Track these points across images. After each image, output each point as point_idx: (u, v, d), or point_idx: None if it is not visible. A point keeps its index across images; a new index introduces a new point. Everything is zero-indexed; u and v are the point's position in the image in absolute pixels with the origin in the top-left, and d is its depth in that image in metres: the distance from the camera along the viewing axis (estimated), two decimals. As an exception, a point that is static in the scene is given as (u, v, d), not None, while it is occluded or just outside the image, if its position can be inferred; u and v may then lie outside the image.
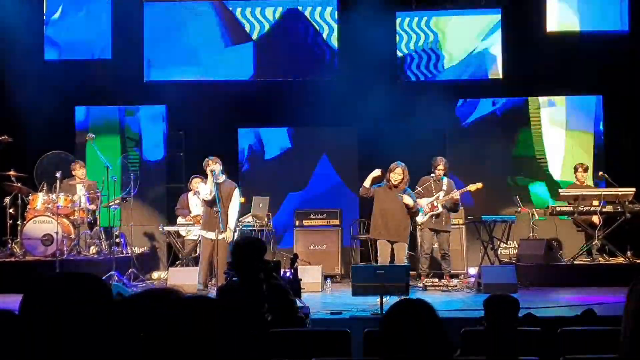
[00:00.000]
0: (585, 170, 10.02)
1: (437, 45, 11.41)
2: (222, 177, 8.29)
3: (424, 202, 9.04)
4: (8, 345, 1.72)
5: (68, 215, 9.42)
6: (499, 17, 11.29)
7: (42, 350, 1.58)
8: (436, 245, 9.32)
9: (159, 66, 11.54)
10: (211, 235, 8.16)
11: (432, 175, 9.15)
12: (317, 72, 11.45)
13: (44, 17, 11.52)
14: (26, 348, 1.60)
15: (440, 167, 9.14)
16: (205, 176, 8.47)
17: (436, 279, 9.15)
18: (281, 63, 11.55)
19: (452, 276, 9.37)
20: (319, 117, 11.10)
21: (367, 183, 8.53)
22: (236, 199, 8.34)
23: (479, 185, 9.22)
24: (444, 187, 9.14)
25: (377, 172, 8.51)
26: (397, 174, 8.39)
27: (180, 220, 10.12)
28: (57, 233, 8.95)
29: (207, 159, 8.29)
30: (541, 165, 11.28)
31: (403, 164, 8.46)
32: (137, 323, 1.55)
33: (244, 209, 9.40)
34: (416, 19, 11.39)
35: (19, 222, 9.43)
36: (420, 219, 9.11)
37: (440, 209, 9.08)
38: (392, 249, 8.43)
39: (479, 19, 11.36)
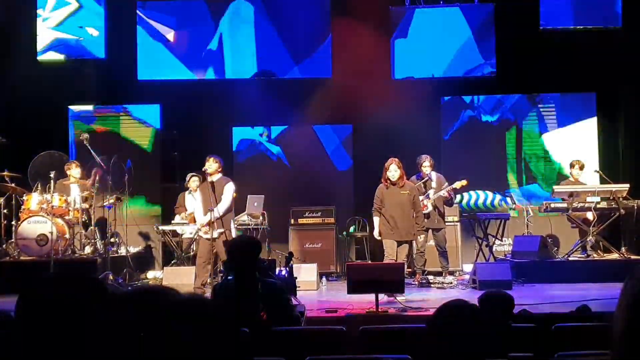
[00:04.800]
0: (582, 167, 9.98)
1: (432, 42, 11.40)
2: (218, 176, 8.31)
3: None
4: (3, 346, 1.72)
5: (62, 215, 9.39)
6: (492, 13, 11.30)
7: (37, 351, 1.58)
8: (431, 243, 9.33)
9: (153, 65, 11.50)
10: (208, 235, 8.17)
11: (418, 175, 9.17)
12: (312, 70, 11.43)
13: (37, 16, 11.46)
14: (21, 349, 1.60)
15: (426, 163, 9.13)
16: (201, 174, 8.53)
17: (431, 276, 9.17)
18: (278, 61, 11.53)
19: (448, 273, 9.39)
20: (314, 115, 11.11)
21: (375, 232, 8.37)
22: (227, 192, 8.33)
23: (464, 182, 9.24)
24: (434, 184, 9.13)
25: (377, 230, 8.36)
26: (393, 170, 8.20)
27: (177, 218, 10.13)
28: (51, 233, 8.92)
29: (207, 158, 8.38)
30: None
31: (396, 158, 8.30)
32: (133, 322, 1.55)
33: (240, 207, 9.40)
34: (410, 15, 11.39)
35: (13, 223, 9.41)
36: None
37: (430, 208, 9.05)
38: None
39: (473, 16, 11.36)
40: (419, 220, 8.31)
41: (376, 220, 8.30)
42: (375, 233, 8.32)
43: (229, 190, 8.33)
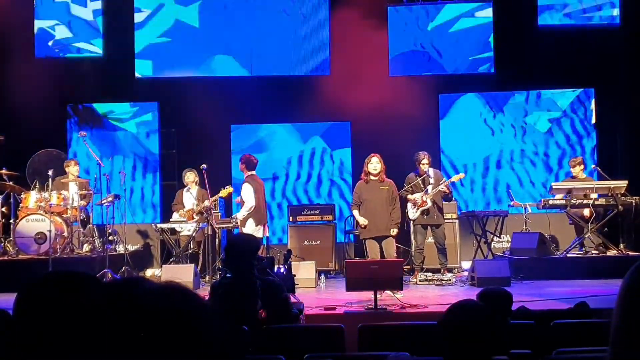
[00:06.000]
0: (580, 163, 9.99)
1: (429, 40, 11.40)
2: (244, 175, 8.66)
3: (413, 198, 9.03)
4: (2, 345, 1.72)
5: (61, 213, 9.38)
6: (490, 10, 11.30)
7: (36, 350, 1.58)
8: (430, 240, 9.32)
9: (151, 63, 11.49)
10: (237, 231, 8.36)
11: (416, 171, 9.17)
12: (310, 67, 11.43)
13: (35, 14, 11.44)
14: (20, 348, 1.60)
15: (425, 161, 9.12)
16: (198, 171, 8.64)
17: (430, 274, 9.15)
18: (275, 59, 11.51)
19: (447, 270, 9.39)
20: (312, 112, 11.11)
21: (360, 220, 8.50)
22: (244, 196, 8.57)
23: (462, 175, 9.29)
24: (432, 180, 9.13)
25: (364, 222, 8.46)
26: (375, 162, 8.37)
27: (174, 216, 10.12)
28: (50, 231, 8.91)
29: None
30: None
31: (377, 154, 8.46)
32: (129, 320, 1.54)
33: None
34: (407, 13, 11.38)
35: (11, 221, 9.40)
36: (411, 215, 9.08)
37: (430, 204, 9.04)
38: (381, 247, 8.37)
39: (471, 14, 11.36)
40: (394, 215, 8.43)
41: (356, 212, 8.54)
42: (362, 220, 8.41)
43: (245, 194, 8.46)
